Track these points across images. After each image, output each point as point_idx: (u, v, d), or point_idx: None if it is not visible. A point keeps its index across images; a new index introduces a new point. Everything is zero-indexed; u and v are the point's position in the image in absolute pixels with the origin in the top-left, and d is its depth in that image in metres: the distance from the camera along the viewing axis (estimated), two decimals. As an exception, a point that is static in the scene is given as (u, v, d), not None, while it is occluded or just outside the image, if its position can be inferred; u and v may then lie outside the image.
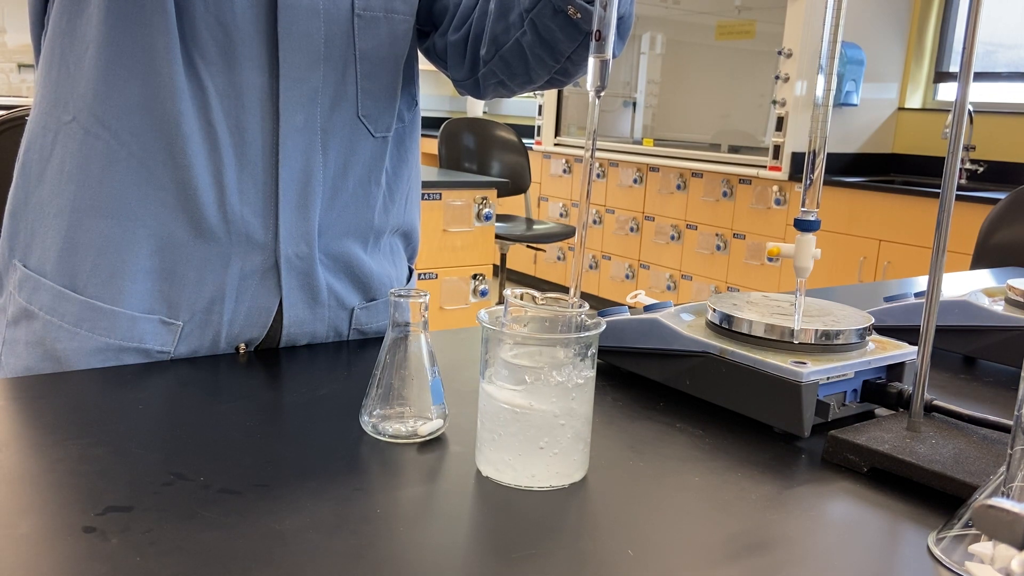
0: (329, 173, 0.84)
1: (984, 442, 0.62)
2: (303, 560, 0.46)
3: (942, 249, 0.62)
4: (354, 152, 0.85)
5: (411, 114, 0.94)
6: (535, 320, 0.58)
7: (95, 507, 0.50)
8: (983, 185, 3.59)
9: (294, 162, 0.81)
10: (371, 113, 0.86)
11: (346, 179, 0.85)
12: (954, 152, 0.60)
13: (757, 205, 4.00)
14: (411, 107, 0.94)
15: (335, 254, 0.86)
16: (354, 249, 0.88)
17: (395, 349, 0.63)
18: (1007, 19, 3.80)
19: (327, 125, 0.82)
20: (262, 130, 0.79)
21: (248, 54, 0.77)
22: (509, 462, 0.56)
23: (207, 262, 0.80)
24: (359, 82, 0.84)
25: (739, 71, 4.15)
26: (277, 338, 0.85)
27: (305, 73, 0.80)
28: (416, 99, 0.95)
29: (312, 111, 0.81)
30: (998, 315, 0.89)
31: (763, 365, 0.67)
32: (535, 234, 4.12)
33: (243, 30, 0.77)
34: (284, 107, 0.79)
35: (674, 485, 0.58)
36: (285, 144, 0.80)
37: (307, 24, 0.79)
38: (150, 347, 0.80)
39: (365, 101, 0.85)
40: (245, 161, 0.79)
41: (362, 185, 0.87)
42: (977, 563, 0.48)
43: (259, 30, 0.77)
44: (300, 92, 0.80)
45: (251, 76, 0.78)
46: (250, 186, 0.80)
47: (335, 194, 0.85)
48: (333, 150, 0.83)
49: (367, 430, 0.63)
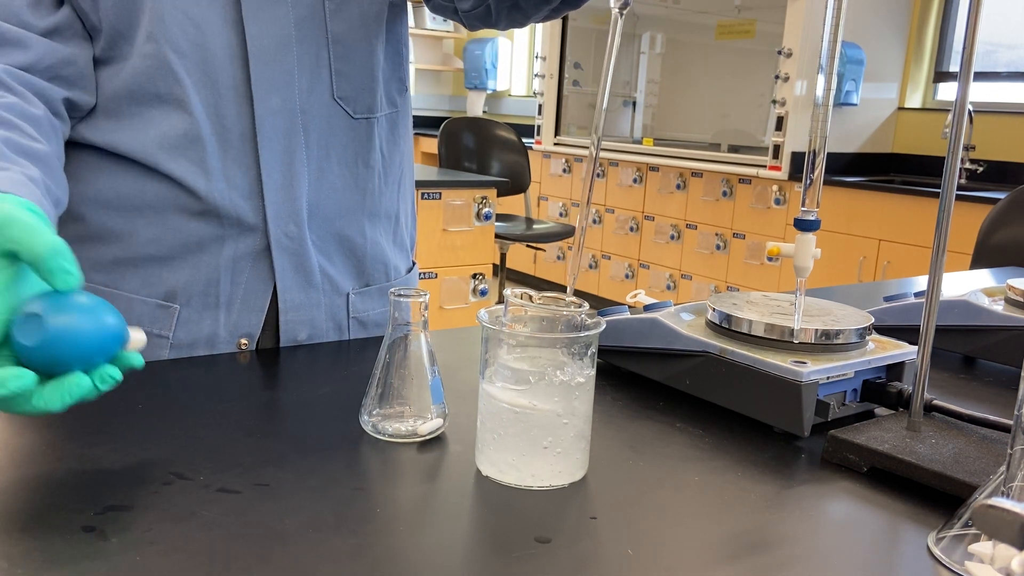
0: (313, 154, 0.85)
1: (984, 442, 0.62)
2: (303, 560, 0.46)
3: (942, 249, 0.62)
4: (334, 134, 0.86)
5: (402, 99, 0.94)
6: (535, 320, 0.58)
7: (95, 507, 0.50)
8: (983, 185, 3.59)
9: (275, 144, 0.82)
10: (348, 95, 0.86)
11: (330, 160, 0.86)
12: (954, 152, 0.60)
13: (757, 205, 4.00)
14: (401, 92, 0.94)
15: (327, 235, 0.88)
16: (347, 231, 0.89)
17: (395, 348, 0.63)
18: (1007, 19, 3.80)
19: (306, 107, 0.83)
20: (239, 114, 0.80)
21: (219, 42, 0.79)
22: (512, 462, 0.56)
23: (201, 246, 0.82)
24: (332, 64, 0.84)
25: (739, 71, 4.14)
26: (275, 327, 0.86)
27: (276, 56, 0.81)
28: (406, 85, 0.95)
29: (289, 94, 0.82)
30: (998, 315, 0.89)
31: (763, 365, 0.67)
32: (535, 234, 4.12)
33: (212, 22, 0.78)
34: (257, 90, 0.80)
35: (674, 485, 0.58)
36: (263, 127, 0.81)
37: (273, 9, 0.80)
38: (148, 330, 0.80)
39: (341, 83, 0.85)
40: (227, 146, 0.81)
41: (349, 167, 0.88)
42: (977, 563, 0.48)
43: (226, 20, 0.79)
44: (273, 75, 0.81)
45: (223, 63, 0.79)
46: (235, 170, 0.81)
47: (321, 175, 0.86)
48: (314, 132, 0.84)
49: (367, 430, 0.63)
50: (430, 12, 0.99)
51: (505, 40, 6.28)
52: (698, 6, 4.37)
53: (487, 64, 6.15)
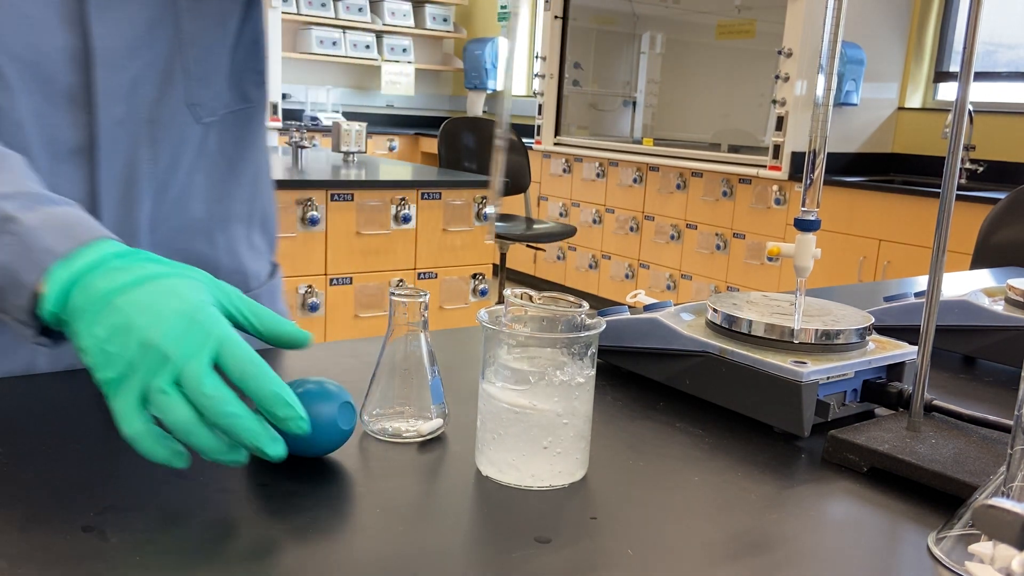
0: (160, 167, 0.77)
1: (984, 442, 0.62)
2: (303, 560, 0.46)
3: (942, 249, 0.62)
4: (184, 141, 0.78)
5: (259, 92, 0.86)
6: (535, 320, 0.58)
7: (95, 507, 0.50)
8: (983, 185, 3.59)
9: (115, 158, 0.74)
10: (202, 100, 0.79)
11: (177, 170, 0.79)
12: (954, 152, 0.60)
13: (757, 205, 4.00)
14: (259, 85, 0.86)
15: (172, 251, 0.76)
16: (193, 244, 0.82)
17: (395, 348, 0.63)
18: (1007, 19, 3.80)
19: (155, 116, 0.75)
20: (74, 125, 0.72)
21: (56, 44, 0.69)
22: (512, 462, 0.56)
23: None
24: (185, 67, 0.76)
25: (739, 71, 4.15)
26: None
27: (124, 60, 0.72)
28: (264, 77, 0.86)
29: (136, 102, 0.74)
30: (998, 315, 0.89)
31: (763, 365, 0.67)
32: (535, 233, 4.12)
33: (48, 20, 0.69)
34: (100, 99, 0.71)
35: (674, 485, 0.58)
36: (103, 139, 0.73)
37: (123, 8, 0.71)
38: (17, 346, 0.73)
39: (194, 87, 0.78)
40: (58, 160, 0.72)
41: (199, 175, 0.80)
42: (977, 563, 0.48)
43: (65, 18, 0.69)
44: (119, 81, 0.72)
45: (59, 68, 0.70)
46: (66, 187, 0.72)
47: (165, 188, 0.78)
48: (163, 142, 0.77)
49: (367, 430, 0.63)
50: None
51: (505, 40, 6.28)
52: (698, 6, 4.37)
53: (487, 64, 6.15)
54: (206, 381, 0.50)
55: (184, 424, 0.50)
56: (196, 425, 0.50)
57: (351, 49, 6.08)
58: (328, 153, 3.75)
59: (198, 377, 0.49)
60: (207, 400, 0.49)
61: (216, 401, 0.50)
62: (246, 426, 0.50)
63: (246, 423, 0.50)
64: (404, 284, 2.94)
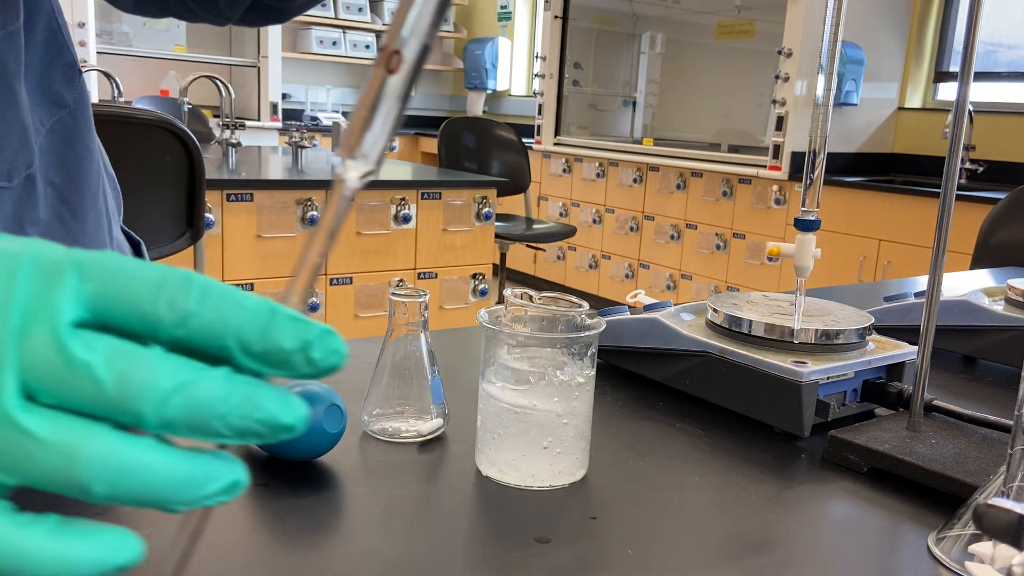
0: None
1: (984, 442, 0.62)
2: (303, 560, 0.46)
3: (942, 249, 0.62)
4: None
5: (76, 89, 0.68)
6: (535, 320, 0.58)
7: (95, 507, 0.50)
8: (983, 185, 3.59)
9: None
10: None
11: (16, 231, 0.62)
12: (954, 152, 0.60)
13: (757, 205, 4.00)
14: (73, 80, 0.68)
15: None
16: None
17: (395, 348, 0.63)
18: (1007, 19, 3.80)
19: None
20: None
21: None
22: (512, 462, 0.56)
23: None
24: None
25: (739, 71, 4.15)
26: None
27: None
28: (78, 68, 0.68)
29: None
30: (998, 315, 0.89)
31: (763, 365, 0.67)
32: (535, 233, 4.11)
33: None
34: None
35: (674, 485, 0.58)
36: None
37: None
38: None
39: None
40: None
41: (28, 231, 0.63)
42: (977, 563, 0.48)
43: None
44: None
45: None
46: None
47: None
48: None
49: (367, 430, 0.63)
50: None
51: (505, 40, 6.28)
52: (698, 6, 4.38)
53: (487, 64, 6.15)
54: (75, 352, 0.26)
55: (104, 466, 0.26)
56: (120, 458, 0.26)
57: (351, 49, 6.08)
58: (328, 153, 3.75)
59: (57, 349, 0.26)
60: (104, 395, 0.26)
61: None
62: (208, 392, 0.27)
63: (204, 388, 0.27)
64: (404, 284, 2.94)
